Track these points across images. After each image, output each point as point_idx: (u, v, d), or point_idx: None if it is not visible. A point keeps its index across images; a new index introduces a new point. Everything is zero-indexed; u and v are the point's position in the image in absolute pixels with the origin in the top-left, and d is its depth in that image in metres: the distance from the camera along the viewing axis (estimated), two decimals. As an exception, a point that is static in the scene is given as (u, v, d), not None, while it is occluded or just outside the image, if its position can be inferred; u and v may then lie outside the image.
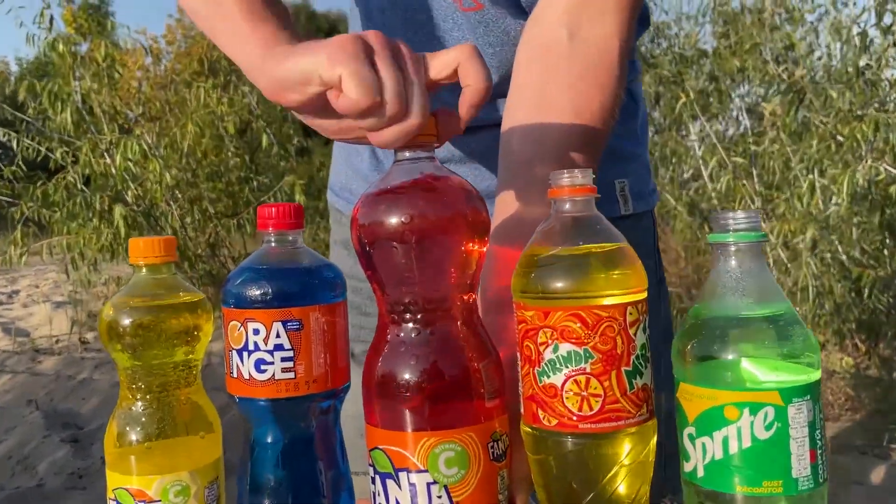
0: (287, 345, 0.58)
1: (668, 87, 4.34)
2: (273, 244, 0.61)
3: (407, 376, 0.55)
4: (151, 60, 6.31)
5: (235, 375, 0.59)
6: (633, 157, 0.91)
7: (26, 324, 5.47)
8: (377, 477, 0.56)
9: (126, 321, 0.59)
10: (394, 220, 0.55)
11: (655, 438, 0.55)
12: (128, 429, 0.60)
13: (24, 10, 4.72)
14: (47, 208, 4.63)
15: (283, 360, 0.58)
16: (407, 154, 0.59)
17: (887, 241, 2.95)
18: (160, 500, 0.59)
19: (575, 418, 0.52)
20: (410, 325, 0.56)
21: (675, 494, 0.60)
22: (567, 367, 0.52)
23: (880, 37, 3.36)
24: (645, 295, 0.54)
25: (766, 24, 3.94)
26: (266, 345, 0.58)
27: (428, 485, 0.54)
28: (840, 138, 2.97)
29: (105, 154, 4.58)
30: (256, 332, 0.58)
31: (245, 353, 0.58)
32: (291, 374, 0.58)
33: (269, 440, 0.60)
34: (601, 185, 0.58)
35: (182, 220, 4.78)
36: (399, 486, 0.55)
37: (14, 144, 4.70)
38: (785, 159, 3.39)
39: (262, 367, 0.58)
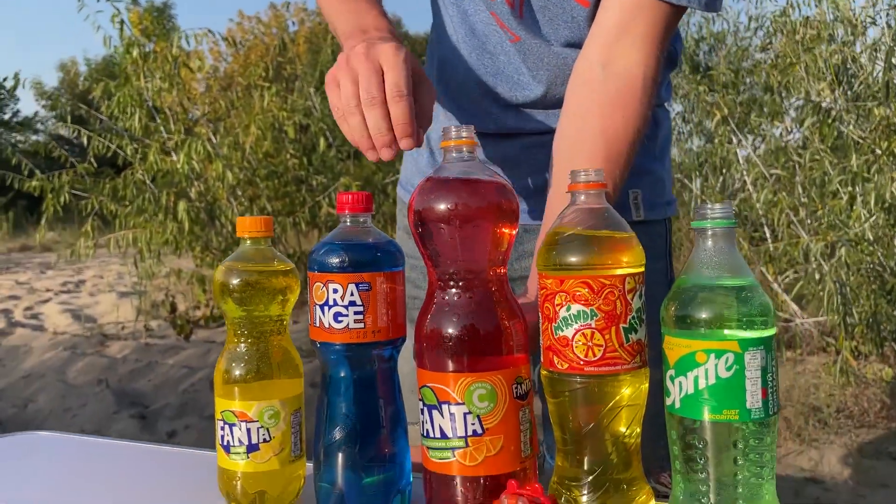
0: (358, 302, 0.74)
1: (723, 96, 4.42)
2: (349, 223, 0.77)
3: (450, 330, 0.71)
4: (212, 62, 6.58)
5: (318, 325, 0.75)
6: (646, 172, 1.06)
7: (93, 311, 5.78)
8: (425, 409, 0.72)
9: (235, 280, 0.76)
10: (441, 207, 0.71)
11: (647, 384, 0.69)
12: (233, 365, 0.77)
13: (101, 14, 5.03)
14: (116, 203, 4.91)
15: (356, 313, 0.74)
16: (453, 154, 0.74)
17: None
18: (257, 420, 0.75)
19: (582, 363, 0.67)
20: (454, 290, 0.72)
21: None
22: (577, 322, 0.67)
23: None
24: (641, 269, 0.69)
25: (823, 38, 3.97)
26: (342, 301, 0.74)
27: (464, 414, 0.70)
28: (878, 151, 3.03)
29: (173, 152, 4.84)
30: (335, 291, 0.74)
31: (326, 308, 0.74)
32: (361, 325, 0.74)
33: (342, 377, 0.76)
34: None
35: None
36: (442, 415, 0.71)
37: (85, 141, 4.98)
38: (824, 173, 3.44)
39: (339, 318, 0.74)
